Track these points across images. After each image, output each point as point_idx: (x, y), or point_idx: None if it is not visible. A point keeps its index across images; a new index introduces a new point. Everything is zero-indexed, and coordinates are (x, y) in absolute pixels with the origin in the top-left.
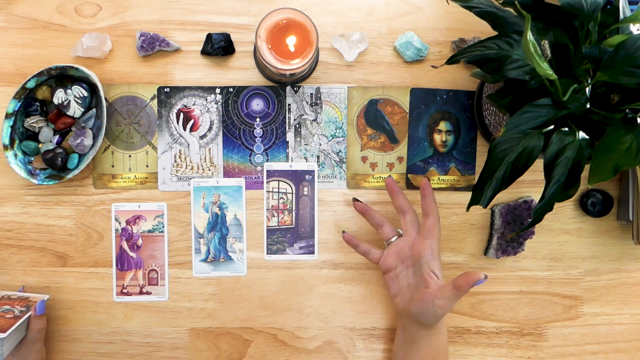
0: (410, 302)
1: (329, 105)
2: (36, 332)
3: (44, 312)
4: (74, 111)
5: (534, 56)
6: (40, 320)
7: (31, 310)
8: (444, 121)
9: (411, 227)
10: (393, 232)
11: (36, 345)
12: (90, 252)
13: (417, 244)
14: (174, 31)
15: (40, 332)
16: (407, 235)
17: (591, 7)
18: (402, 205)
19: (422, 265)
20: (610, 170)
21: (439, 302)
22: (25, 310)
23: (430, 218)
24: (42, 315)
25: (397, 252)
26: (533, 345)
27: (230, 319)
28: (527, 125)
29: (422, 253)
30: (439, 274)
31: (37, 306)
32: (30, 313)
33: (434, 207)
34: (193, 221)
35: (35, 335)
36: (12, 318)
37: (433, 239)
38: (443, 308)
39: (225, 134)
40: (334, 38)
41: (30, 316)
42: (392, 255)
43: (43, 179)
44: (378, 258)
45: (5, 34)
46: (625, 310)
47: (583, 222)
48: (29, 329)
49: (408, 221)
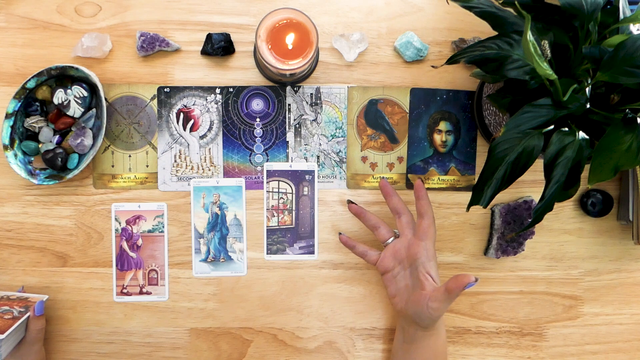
0: (407, 304)
1: (329, 105)
2: (35, 332)
3: (42, 313)
4: (74, 111)
5: (534, 56)
6: (39, 321)
7: (30, 311)
8: (444, 121)
9: (407, 229)
10: (389, 234)
11: (35, 346)
12: (90, 252)
13: (413, 245)
14: (174, 31)
15: (39, 333)
16: (403, 237)
17: (591, 7)
18: (397, 206)
19: (418, 267)
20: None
21: (432, 304)
22: (24, 311)
23: (425, 219)
24: (41, 316)
25: (394, 253)
26: (533, 345)
27: (230, 319)
28: (527, 125)
29: (418, 254)
30: (435, 275)
31: (35, 307)
32: (29, 314)
33: (429, 208)
34: (193, 221)
35: (34, 336)
36: (11, 319)
37: (428, 240)
38: (437, 310)
39: (225, 134)
40: (334, 38)
41: (29, 317)
42: (389, 256)
43: (43, 179)
44: (375, 259)
45: (5, 34)
46: (625, 310)
47: (583, 222)
48: (28, 330)
49: (404, 222)
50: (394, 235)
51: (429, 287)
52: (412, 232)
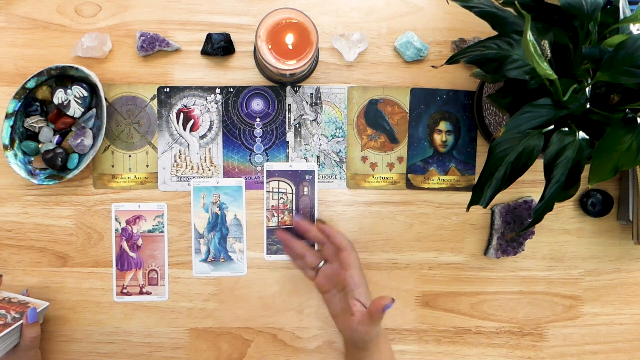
0: (342, 327)
1: (329, 105)
2: (29, 340)
3: (36, 320)
4: (74, 111)
5: (534, 56)
6: (33, 329)
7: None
8: (444, 121)
9: (332, 258)
10: (318, 259)
11: (30, 352)
12: (90, 252)
13: (339, 274)
14: (174, 31)
15: (33, 340)
16: (331, 264)
17: (591, 7)
18: (317, 238)
19: (347, 294)
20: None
21: (360, 328)
22: (19, 318)
23: (343, 251)
24: (34, 323)
25: (328, 276)
26: (533, 345)
27: (230, 319)
28: (527, 125)
29: (346, 282)
30: (365, 300)
31: (28, 314)
32: (22, 321)
33: (342, 239)
34: (193, 221)
35: (28, 343)
36: (2, 325)
37: (352, 269)
38: (367, 333)
39: (225, 134)
40: (334, 38)
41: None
42: (324, 278)
43: (43, 179)
44: (312, 276)
45: (5, 34)
46: (625, 310)
47: (583, 222)
48: (22, 337)
49: (328, 252)
50: (324, 259)
51: (357, 312)
52: (337, 261)
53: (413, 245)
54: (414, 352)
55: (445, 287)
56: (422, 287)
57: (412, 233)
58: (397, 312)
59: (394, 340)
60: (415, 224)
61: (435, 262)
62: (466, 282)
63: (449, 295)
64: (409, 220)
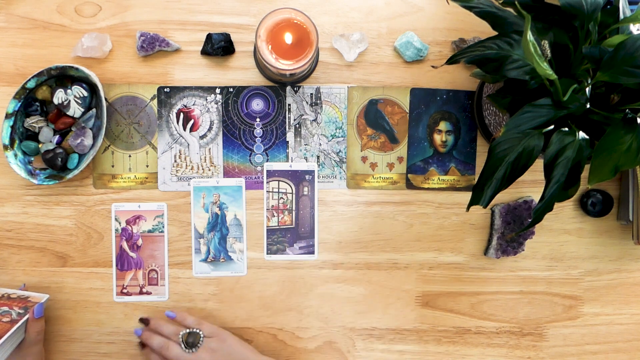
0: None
1: (329, 105)
2: (35, 334)
3: (42, 315)
4: (74, 111)
5: (534, 56)
6: (39, 323)
7: (29, 313)
8: (444, 121)
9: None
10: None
11: (35, 347)
12: (90, 252)
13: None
14: (174, 31)
15: (39, 335)
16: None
17: (591, 7)
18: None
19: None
20: (610, 170)
21: None
22: (23, 313)
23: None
24: (40, 318)
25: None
26: (533, 345)
27: (230, 319)
28: (527, 125)
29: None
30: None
31: (34, 309)
32: (27, 316)
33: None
34: (193, 221)
35: (34, 338)
36: (9, 322)
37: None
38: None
39: (225, 134)
40: (334, 38)
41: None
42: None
43: (43, 179)
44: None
45: (5, 34)
46: (625, 310)
47: (583, 222)
48: (27, 332)
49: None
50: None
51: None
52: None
53: (413, 245)
54: (414, 352)
55: (445, 287)
56: (422, 287)
57: (412, 233)
58: (397, 312)
59: (394, 340)
60: (415, 224)
61: (435, 262)
62: (466, 282)
63: (449, 295)
64: (409, 220)
